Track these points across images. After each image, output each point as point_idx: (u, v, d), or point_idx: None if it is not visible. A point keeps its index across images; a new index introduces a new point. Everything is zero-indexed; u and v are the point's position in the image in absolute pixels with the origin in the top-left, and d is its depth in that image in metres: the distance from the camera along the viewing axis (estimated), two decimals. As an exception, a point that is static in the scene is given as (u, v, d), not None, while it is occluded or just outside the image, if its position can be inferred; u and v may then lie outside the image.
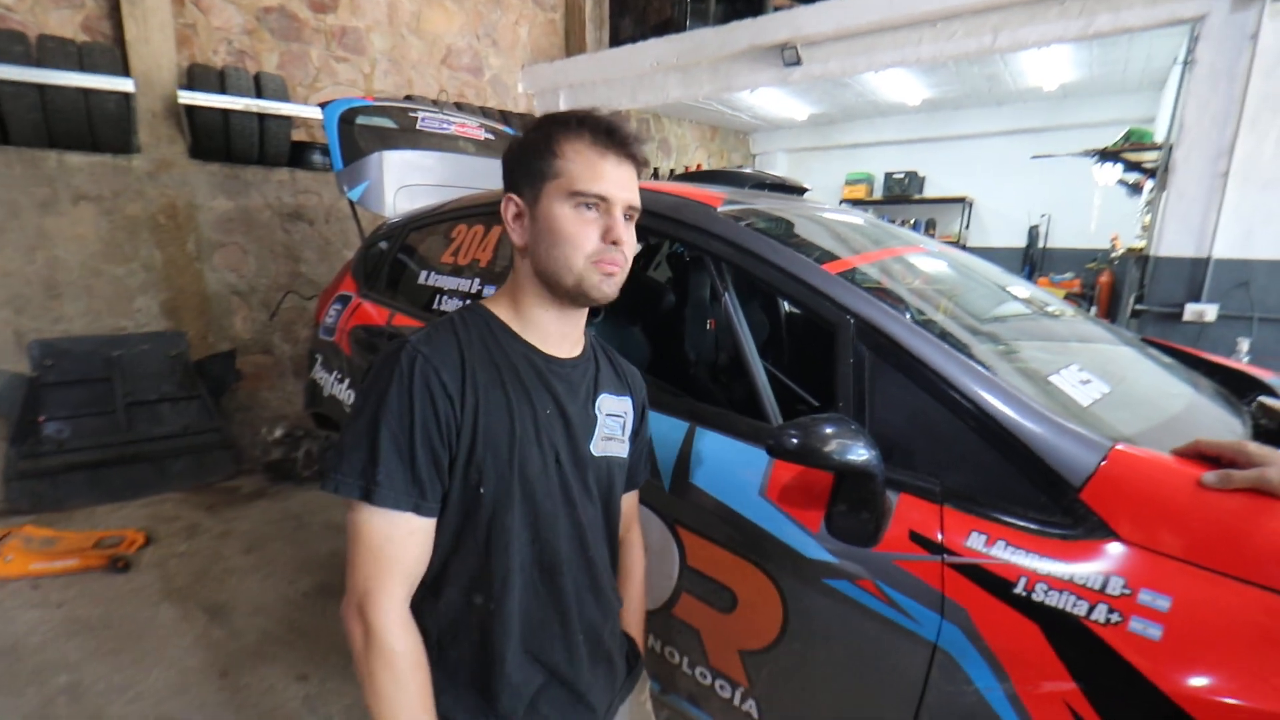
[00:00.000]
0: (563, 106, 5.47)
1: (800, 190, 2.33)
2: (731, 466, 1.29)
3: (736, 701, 1.35)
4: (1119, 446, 0.99)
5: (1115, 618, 0.89)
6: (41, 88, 3.02)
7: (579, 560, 0.92)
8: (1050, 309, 1.83)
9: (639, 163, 0.90)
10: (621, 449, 1.00)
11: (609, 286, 0.88)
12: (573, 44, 5.74)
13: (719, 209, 1.52)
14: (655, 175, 7.15)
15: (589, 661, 0.94)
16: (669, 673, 1.48)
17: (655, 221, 1.60)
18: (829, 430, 1.02)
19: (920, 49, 3.71)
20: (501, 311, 0.93)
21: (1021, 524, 1.00)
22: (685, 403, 1.45)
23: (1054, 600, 0.93)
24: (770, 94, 6.34)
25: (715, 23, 4.48)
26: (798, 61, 4.06)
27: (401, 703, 0.79)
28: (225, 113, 3.58)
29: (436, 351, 0.83)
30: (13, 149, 3.19)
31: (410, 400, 0.79)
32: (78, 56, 3.12)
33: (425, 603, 0.86)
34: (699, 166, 7.71)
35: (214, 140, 3.67)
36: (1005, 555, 0.98)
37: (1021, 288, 1.91)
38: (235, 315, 4.06)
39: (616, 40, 5.60)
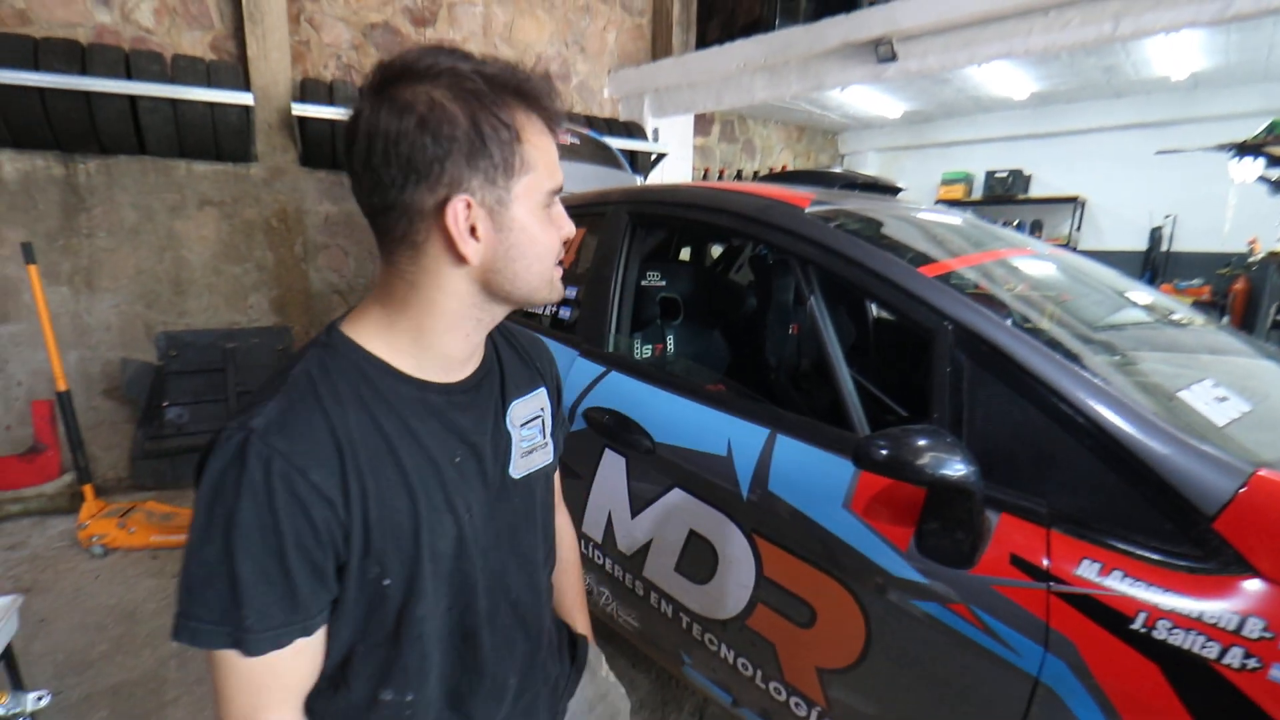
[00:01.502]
0: (647, 110, 5.48)
1: (894, 190, 2.23)
2: (814, 476, 1.24)
3: (813, 721, 1.29)
4: (1262, 472, 0.88)
5: (1253, 663, 0.79)
6: (175, 102, 3.30)
7: (503, 608, 0.78)
8: (1177, 317, 1.67)
9: None
10: (546, 454, 0.84)
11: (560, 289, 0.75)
12: (659, 48, 5.76)
13: (807, 210, 1.47)
14: (739, 177, 7.07)
15: (526, 700, 0.83)
16: (741, 685, 1.44)
17: (740, 223, 1.57)
18: (922, 442, 0.96)
19: (1030, 39, 3.47)
20: (378, 346, 0.68)
21: (1142, 553, 0.90)
22: (766, 409, 1.41)
23: (1179, 639, 0.84)
24: (861, 91, 6.14)
25: (806, 20, 4.37)
26: (893, 57, 3.89)
27: None
28: (333, 123, 3.80)
29: (298, 445, 0.60)
30: (149, 158, 3.51)
31: (274, 518, 0.58)
32: (206, 73, 3.40)
33: (322, 698, 0.70)
34: (784, 168, 7.56)
35: (322, 149, 3.91)
36: (1122, 587, 0.89)
37: (1143, 294, 1.74)
38: (335, 313, 4.29)
39: (703, 43, 5.56)
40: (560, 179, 0.69)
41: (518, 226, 0.66)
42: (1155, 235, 6.19)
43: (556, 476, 0.99)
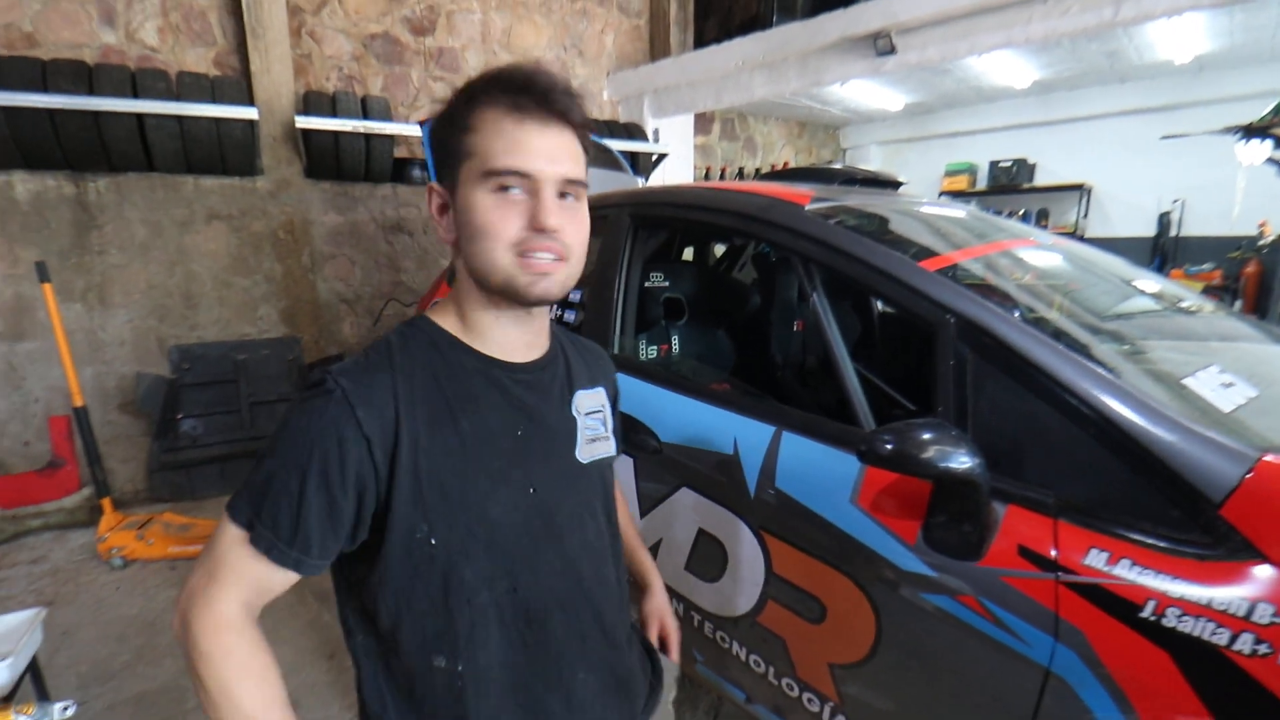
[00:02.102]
0: (647, 111, 5.49)
1: (894, 184, 2.23)
2: (821, 472, 1.24)
3: (825, 716, 1.30)
4: (1269, 457, 0.88)
5: (1263, 649, 0.79)
6: (181, 119, 3.35)
7: (576, 597, 0.79)
8: (1185, 304, 1.66)
9: (574, 123, 0.73)
10: (608, 447, 0.88)
11: (543, 286, 0.72)
12: (657, 48, 5.76)
13: (807, 207, 1.48)
14: (740, 175, 7.07)
15: (597, 702, 0.82)
16: (753, 682, 1.44)
17: (742, 223, 1.58)
18: (927, 436, 0.96)
19: (1030, 28, 3.44)
20: (448, 323, 0.78)
21: (1150, 542, 0.90)
22: (771, 406, 1.42)
23: (1188, 627, 0.84)
24: (862, 85, 6.12)
25: (803, 16, 4.36)
26: (891, 50, 3.88)
27: (244, 696, 0.66)
28: (336, 134, 3.83)
29: (359, 385, 0.69)
30: (156, 175, 3.55)
31: (311, 439, 0.66)
32: (210, 89, 3.43)
33: (390, 662, 0.75)
34: (786, 164, 7.55)
35: (326, 160, 3.94)
36: (1130, 575, 0.89)
37: (1150, 282, 1.74)
38: (343, 322, 4.34)
39: (701, 42, 5.57)
40: (513, 162, 0.69)
41: (465, 206, 0.72)
42: (1164, 221, 6.13)
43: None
